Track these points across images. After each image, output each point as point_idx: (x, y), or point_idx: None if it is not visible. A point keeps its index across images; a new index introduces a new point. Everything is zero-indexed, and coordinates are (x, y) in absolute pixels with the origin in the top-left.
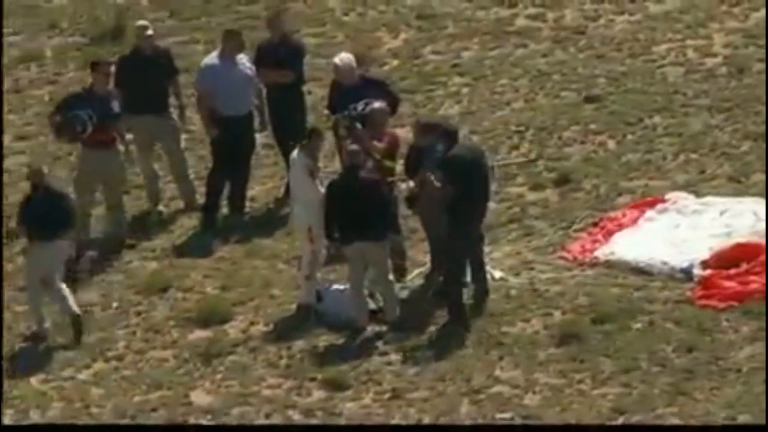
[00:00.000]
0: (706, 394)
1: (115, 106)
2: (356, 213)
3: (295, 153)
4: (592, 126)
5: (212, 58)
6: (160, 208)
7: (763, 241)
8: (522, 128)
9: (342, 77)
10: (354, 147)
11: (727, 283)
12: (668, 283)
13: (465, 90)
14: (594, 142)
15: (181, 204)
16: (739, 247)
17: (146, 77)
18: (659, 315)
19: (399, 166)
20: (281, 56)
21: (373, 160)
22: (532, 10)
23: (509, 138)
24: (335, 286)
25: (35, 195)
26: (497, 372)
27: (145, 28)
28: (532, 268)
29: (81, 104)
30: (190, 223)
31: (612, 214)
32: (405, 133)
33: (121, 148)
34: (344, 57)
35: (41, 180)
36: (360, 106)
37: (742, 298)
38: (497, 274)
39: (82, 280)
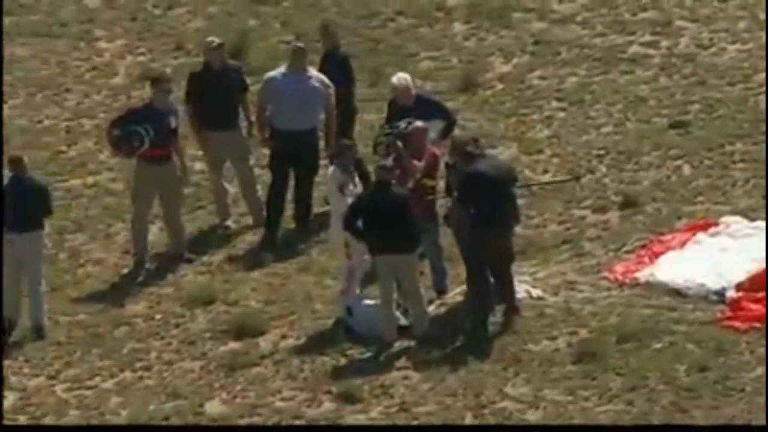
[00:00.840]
0: (705, 413)
1: (173, 121)
2: (386, 227)
3: (330, 168)
4: (673, 151)
5: (277, 71)
6: (229, 223)
7: None
8: (602, 152)
9: (399, 97)
10: (384, 163)
11: (753, 306)
12: (700, 305)
13: (560, 114)
14: (670, 167)
15: (251, 220)
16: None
17: (216, 92)
18: (682, 335)
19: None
20: (326, 70)
21: (414, 179)
22: (648, 38)
23: (588, 162)
24: (366, 301)
25: (14, 184)
26: (507, 388)
27: (212, 42)
28: (572, 288)
29: (139, 119)
30: (253, 238)
31: (662, 237)
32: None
33: (179, 163)
34: (401, 77)
35: (22, 169)
36: (402, 124)
37: (764, 320)
38: (535, 292)
39: (132, 292)
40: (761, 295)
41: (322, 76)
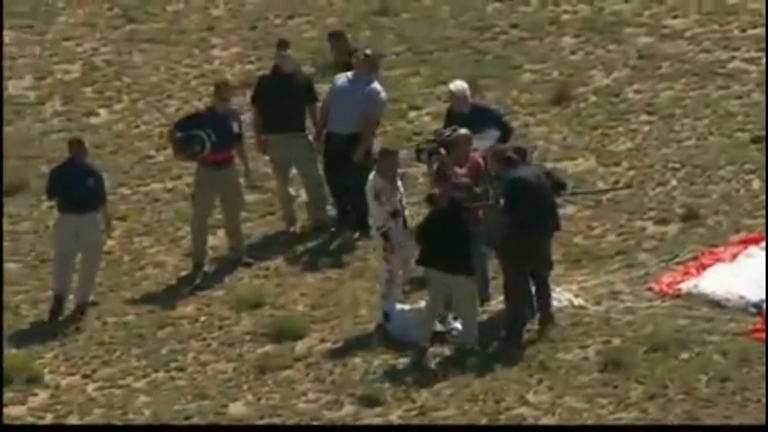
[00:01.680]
0: (717, 421)
1: (235, 126)
2: (438, 242)
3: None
4: (747, 165)
5: (343, 76)
6: (293, 229)
7: None
8: (678, 165)
9: (455, 104)
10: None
11: None
12: (737, 316)
13: (645, 128)
14: (740, 181)
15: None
16: None
17: (283, 96)
18: (712, 346)
19: None
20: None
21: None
22: (750, 54)
23: (662, 174)
24: (403, 307)
25: (72, 166)
26: (529, 395)
27: (283, 44)
28: (615, 298)
29: (201, 123)
30: (314, 244)
31: (714, 249)
32: None
33: (242, 168)
34: (458, 84)
35: (82, 152)
36: (447, 131)
37: None
38: (577, 301)
39: (184, 294)
40: None
41: (379, 87)
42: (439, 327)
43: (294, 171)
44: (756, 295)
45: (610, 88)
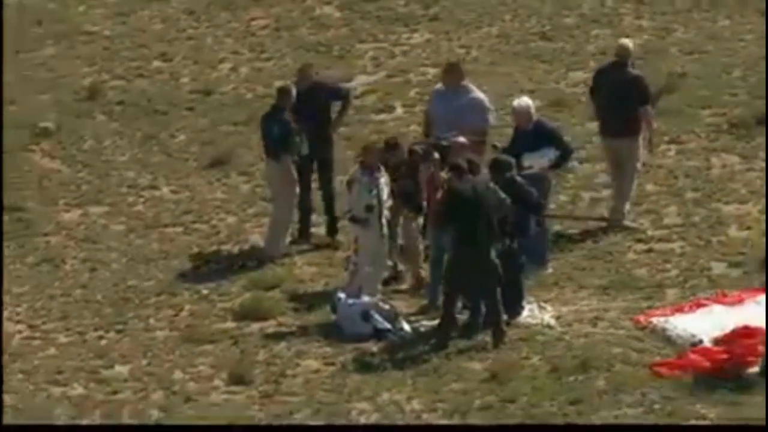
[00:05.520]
0: None
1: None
2: None
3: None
4: None
5: (439, 84)
6: None
7: None
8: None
9: (517, 120)
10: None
11: (694, 357)
12: (665, 350)
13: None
14: None
15: None
16: (746, 329)
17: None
18: (607, 373)
19: None
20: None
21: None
22: None
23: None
24: (349, 300)
25: (272, 115)
26: (384, 395)
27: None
28: (592, 323)
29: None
30: None
31: (728, 292)
32: None
33: None
34: (522, 101)
35: (286, 100)
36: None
37: (678, 368)
38: (547, 320)
39: None
40: (720, 349)
41: (473, 95)
42: (386, 325)
43: None
44: (705, 333)
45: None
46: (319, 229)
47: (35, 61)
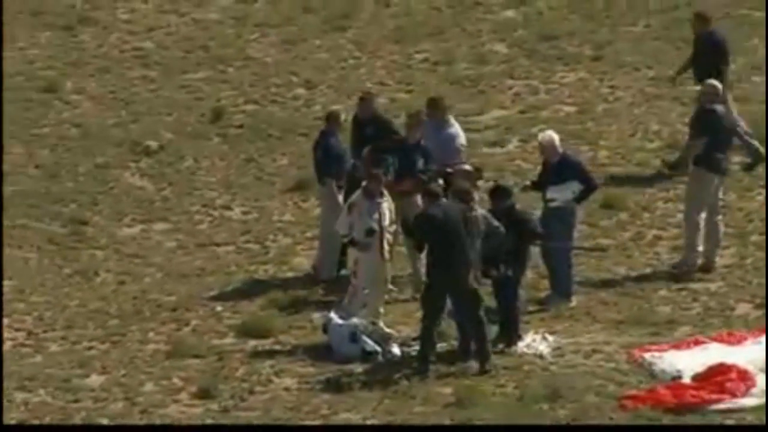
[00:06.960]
0: None
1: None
2: None
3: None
4: None
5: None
6: None
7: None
8: None
9: (543, 153)
10: None
11: (662, 391)
12: (645, 384)
13: None
14: None
15: None
16: (721, 366)
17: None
18: (574, 405)
19: None
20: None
21: None
22: None
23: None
24: (339, 321)
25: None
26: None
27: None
28: (588, 356)
29: (391, 151)
30: None
31: (733, 331)
32: None
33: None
34: (547, 134)
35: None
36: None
37: (644, 402)
38: (540, 350)
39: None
40: (692, 385)
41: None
42: (375, 347)
43: None
44: (692, 370)
45: None
46: None
47: (181, 83)
